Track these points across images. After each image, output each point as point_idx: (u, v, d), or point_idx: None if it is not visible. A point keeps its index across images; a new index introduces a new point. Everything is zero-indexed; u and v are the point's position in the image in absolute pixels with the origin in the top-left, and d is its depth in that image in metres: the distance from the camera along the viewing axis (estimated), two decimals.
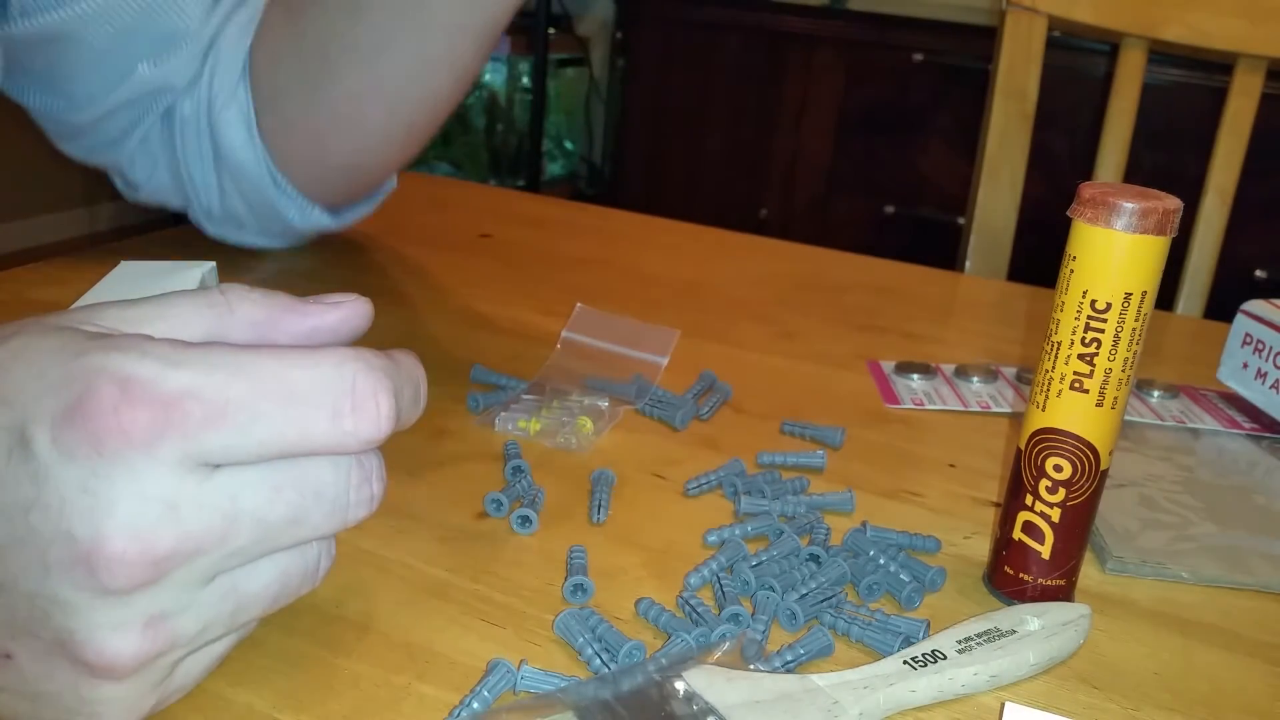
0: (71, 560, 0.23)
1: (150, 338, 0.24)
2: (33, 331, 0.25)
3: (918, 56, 2.10)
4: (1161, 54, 0.90)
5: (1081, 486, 0.34)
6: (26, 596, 0.23)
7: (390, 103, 0.55)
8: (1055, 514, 0.35)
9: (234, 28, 0.56)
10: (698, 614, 0.33)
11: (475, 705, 0.29)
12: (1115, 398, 0.33)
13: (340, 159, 0.58)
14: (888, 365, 0.56)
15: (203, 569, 0.24)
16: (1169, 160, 1.45)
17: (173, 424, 0.23)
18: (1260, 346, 0.52)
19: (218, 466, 0.24)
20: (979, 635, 0.32)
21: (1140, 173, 0.74)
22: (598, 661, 0.31)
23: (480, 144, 2.68)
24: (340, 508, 0.26)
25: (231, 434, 0.24)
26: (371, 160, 0.59)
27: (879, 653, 0.33)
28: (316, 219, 0.61)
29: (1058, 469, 0.34)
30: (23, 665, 0.24)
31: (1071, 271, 0.33)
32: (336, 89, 0.55)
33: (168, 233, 0.68)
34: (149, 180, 0.60)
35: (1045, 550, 0.35)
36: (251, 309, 0.27)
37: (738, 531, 0.38)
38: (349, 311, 0.28)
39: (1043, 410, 0.34)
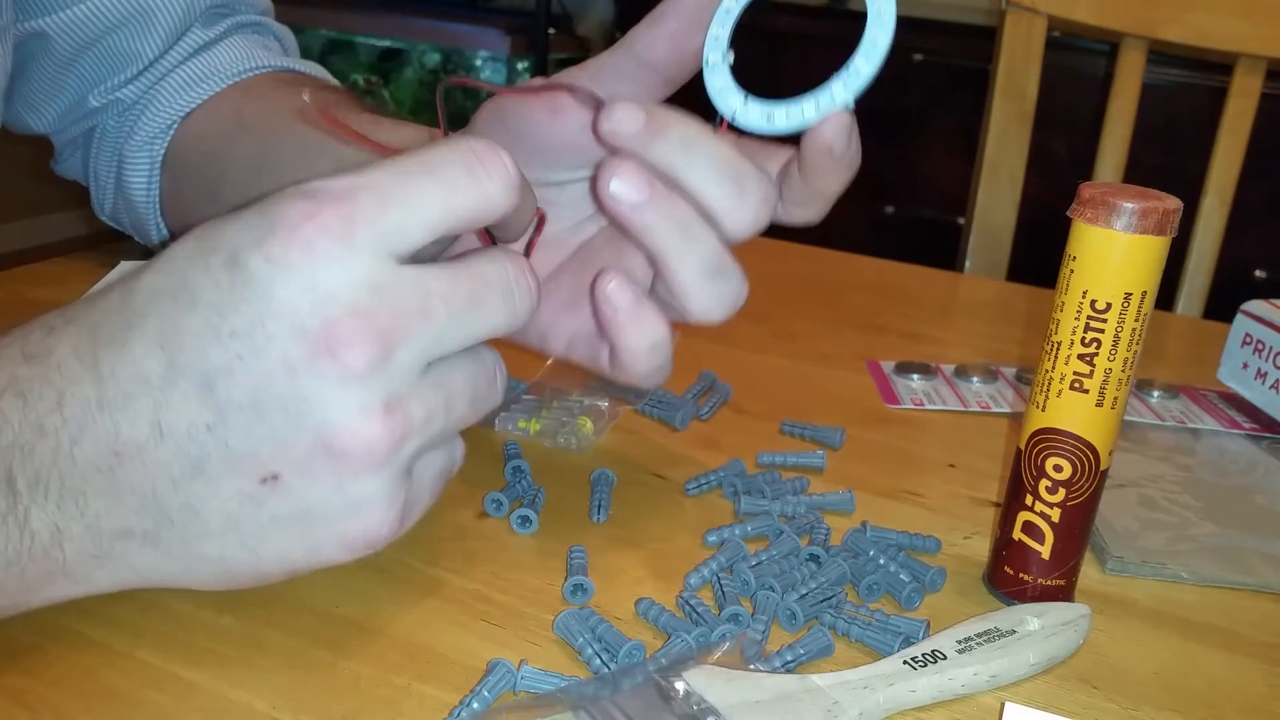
0: (312, 353, 0.27)
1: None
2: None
3: (918, 56, 2.10)
4: (1161, 54, 0.90)
5: (1081, 486, 0.34)
6: (279, 406, 0.27)
7: None
8: (1055, 514, 0.35)
9: (175, 81, 0.57)
10: (698, 614, 0.33)
11: (475, 705, 0.29)
12: (1115, 398, 0.33)
13: None
14: (888, 365, 0.56)
15: (417, 351, 0.28)
16: (1169, 160, 1.44)
17: (356, 211, 0.27)
18: (1260, 346, 0.52)
19: (399, 259, 0.28)
20: (979, 635, 0.32)
21: (1140, 173, 0.74)
22: (598, 661, 0.31)
23: None
24: (508, 294, 0.30)
25: (399, 213, 0.28)
26: None
27: (879, 653, 0.33)
28: None
29: (1058, 469, 0.34)
30: (289, 481, 0.28)
31: (1071, 271, 0.33)
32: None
33: None
34: (67, 159, 0.62)
35: (1045, 550, 0.35)
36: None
37: (738, 531, 0.38)
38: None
39: (1043, 410, 0.34)
